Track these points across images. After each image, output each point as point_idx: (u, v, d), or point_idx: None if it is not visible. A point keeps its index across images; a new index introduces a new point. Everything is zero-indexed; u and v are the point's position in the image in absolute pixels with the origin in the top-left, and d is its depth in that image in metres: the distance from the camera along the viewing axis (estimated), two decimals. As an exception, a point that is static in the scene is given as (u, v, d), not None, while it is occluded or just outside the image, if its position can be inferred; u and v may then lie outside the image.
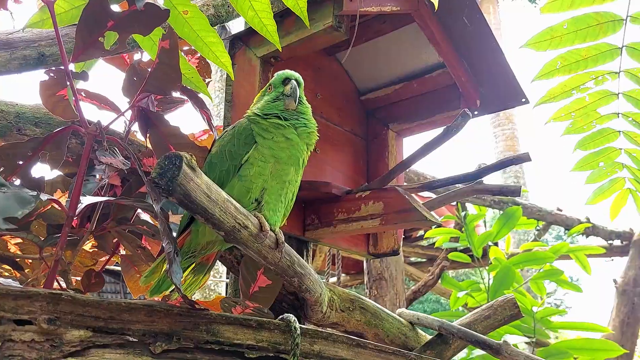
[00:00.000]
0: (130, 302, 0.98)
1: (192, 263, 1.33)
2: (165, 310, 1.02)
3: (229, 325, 1.08)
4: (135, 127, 1.47)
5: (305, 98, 1.35)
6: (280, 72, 1.34)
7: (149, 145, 1.49)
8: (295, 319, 1.15)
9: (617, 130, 1.85)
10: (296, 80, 1.31)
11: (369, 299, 3.67)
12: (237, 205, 1.08)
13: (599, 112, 1.82)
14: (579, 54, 1.64)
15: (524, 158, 1.69)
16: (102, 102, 1.49)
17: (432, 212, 1.79)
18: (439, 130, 1.65)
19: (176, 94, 1.51)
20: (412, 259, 6.25)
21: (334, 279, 5.01)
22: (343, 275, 5.97)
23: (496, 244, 3.79)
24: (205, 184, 0.98)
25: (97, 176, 1.48)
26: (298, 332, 1.13)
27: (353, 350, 1.24)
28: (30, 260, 1.51)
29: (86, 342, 0.93)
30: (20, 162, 1.21)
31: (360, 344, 1.26)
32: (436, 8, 1.62)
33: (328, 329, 1.66)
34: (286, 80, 1.31)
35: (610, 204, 2.19)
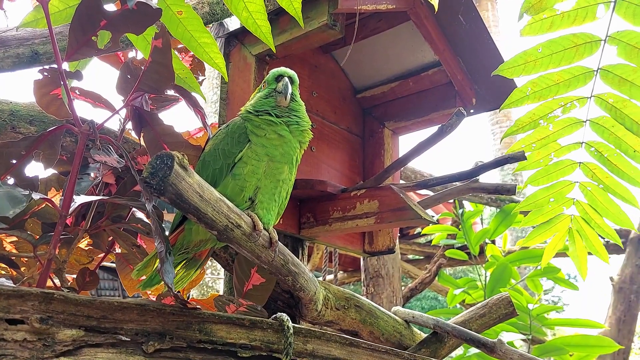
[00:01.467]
0: (122, 302, 0.99)
1: (185, 259, 1.33)
2: (158, 309, 1.02)
3: (221, 324, 1.08)
4: (130, 125, 1.47)
5: (299, 96, 1.34)
6: (274, 69, 1.34)
7: (144, 144, 1.49)
8: (288, 318, 1.15)
9: (577, 161, 1.68)
10: (290, 77, 1.30)
11: (366, 296, 3.67)
12: (230, 204, 1.08)
13: (560, 143, 1.66)
14: (550, 78, 1.52)
15: (519, 157, 1.69)
16: (97, 100, 1.49)
17: (428, 210, 1.80)
18: (435, 129, 1.65)
19: (171, 92, 1.51)
20: (409, 256, 6.26)
21: (331, 277, 5.02)
22: (340, 272, 5.98)
23: (493, 242, 3.80)
24: (197, 183, 0.98)
25: (92, 174, 1.48)
26: (291, 331, 1.13)
27: (346, 349, 1.24)
28: (25, 259, 1.50)
29: (78, 342, 0.93)
30: (14, 161, 1.20)
31: (353, 343, 1.26)
32: (436, 10, 1.61)
33: (323, 327, 1.67)
34: (279, 77, 1.31)
35: (547, 245, 1.98)
